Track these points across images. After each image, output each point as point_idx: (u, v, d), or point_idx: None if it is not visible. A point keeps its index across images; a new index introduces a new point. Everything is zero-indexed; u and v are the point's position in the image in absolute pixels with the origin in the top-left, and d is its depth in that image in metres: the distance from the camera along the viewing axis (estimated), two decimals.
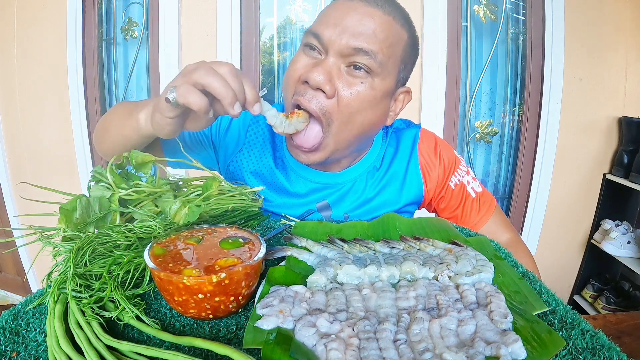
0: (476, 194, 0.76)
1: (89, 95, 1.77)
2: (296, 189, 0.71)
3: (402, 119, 0.79)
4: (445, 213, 0.77)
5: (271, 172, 0.72)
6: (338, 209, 0.71)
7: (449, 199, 0.75)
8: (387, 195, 0.72)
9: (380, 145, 0.73)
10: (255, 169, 0.73)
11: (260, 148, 0.73)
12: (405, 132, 0.75)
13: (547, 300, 0.40)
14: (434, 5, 1.62)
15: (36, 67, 1.74)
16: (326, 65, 0.56)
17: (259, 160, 0.73)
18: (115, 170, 0.51)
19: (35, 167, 1.86)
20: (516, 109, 1.83)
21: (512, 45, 1.77)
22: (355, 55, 0.56)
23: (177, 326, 0.38)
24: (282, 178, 0.72)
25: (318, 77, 0.55)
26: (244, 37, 1.66)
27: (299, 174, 0.72)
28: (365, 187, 0.71)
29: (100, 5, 1.72)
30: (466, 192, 0.75)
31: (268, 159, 0.72)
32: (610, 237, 1.74)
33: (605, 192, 1.83)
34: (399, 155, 0.73)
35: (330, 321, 0.35)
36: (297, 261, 0.48)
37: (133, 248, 0.44)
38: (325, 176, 0.71)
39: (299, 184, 0.72)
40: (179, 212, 0.47)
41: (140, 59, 1.76)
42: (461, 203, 0.75)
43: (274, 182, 0.72)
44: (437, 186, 0.74)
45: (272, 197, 0.72)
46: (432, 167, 0.73)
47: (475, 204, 0.75)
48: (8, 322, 0.37)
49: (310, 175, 0.71)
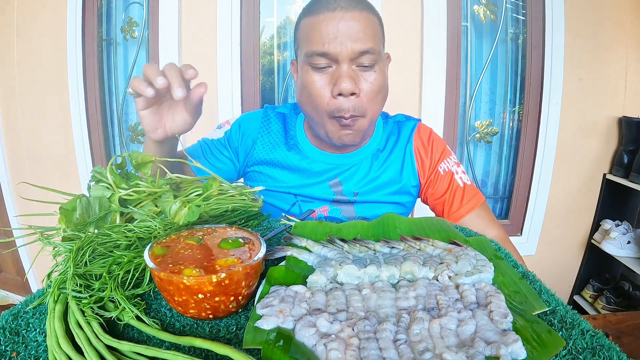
0: (464, 184, 0.83)
1: (89, 95, 1.77)
2: (311, 168, 0.82)
3: (404, 114, 0.89)
4: (433, 198, 0.84)
5: (285, 158, 0.83)
6: (348, 185, 0.81)
7: (437, 183, 0.83)
8: (390, 175, 0.82)
9: (381, 132, 0.84)
10: (269, 158, 0.83)
11: (273, 139, 0.84)
12: (405, 123, 0.86)
13: (547, 300, 0.40)
14: (434, 5, 1.62)
15: (36, 67, 1.74)
16: (345, 73, 0.67)
17: (273, 150, 0.83)
18: (115, 170, 0.51)
19: (35, 167, 1.86)
20: (516, 109, 1.83)
21: (512, 45, 1.77)
22: (361, 57, 0.66)
23: (177, 326, 0.38)
24: (297, 161, 0.82)
25: (348, 86, 0.66)
26: (244, 37, 1.66)
27: (312, 157, 0.82)
28: (371, 167, 0.82)
29: (100, 5, 1.72)
30: (454, 180, 0.82)
31: (281, 147, 0.83)
32: (610, 237, 1.74)
33: (605, 192, 1.83)
34: (399, 142, 0.84)
35: (330, 321, 0.35)
36: (297, 261, 0.48)
37: (133, 248, 0.44)
38: (336, 157, 0.81)
39: (313, 165, 0.82)
40: (179, 212, 0.47)
41: (140, 59, 1.76)
42: (448, 189, 0.82)
43: (288, 166, 0.82)
44: (428, 170, 0.83)
45: (289, 179, 0.82)
46: (424, 153, 0.83)
47: (462, 192, 0.82)
48: (8, 322, 0.37)
49: (322, 157, 0.82)
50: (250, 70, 1.70)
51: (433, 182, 0.83)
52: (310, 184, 0.81)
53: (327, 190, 0.81)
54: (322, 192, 0.81)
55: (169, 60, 1.63)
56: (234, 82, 1.67)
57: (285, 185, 0.82)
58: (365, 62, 0.67)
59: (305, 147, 0.83)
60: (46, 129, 1.81)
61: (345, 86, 0.66)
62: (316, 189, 0.81)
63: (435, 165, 0.83)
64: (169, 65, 0.56)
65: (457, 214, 0.81)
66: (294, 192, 0.82)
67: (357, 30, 0.65)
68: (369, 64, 0.67)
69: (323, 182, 0.81)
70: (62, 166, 1.84)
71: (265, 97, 1.76)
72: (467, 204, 0.81)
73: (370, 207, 0.82)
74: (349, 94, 0.67)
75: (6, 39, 1.73)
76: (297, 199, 0.83)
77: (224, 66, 1.65)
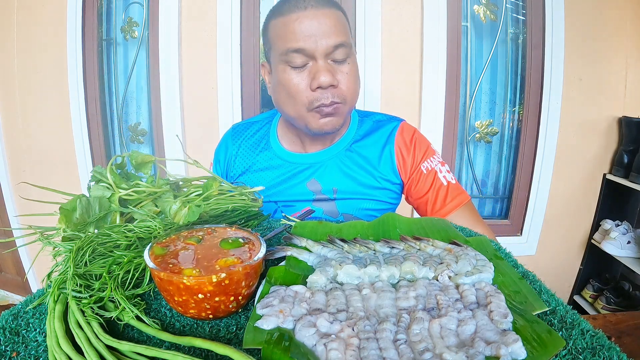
0: (448, 182, 0.83)
1: (89, 95, 1.77)
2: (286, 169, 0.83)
3: (387, 114, 0.90)
4: (416, 197, 0.84)
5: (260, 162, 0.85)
6: (325, 183, 0.82)
7: (419, 182, 0.83)
8: (365, 170, 0.82)
9: (356, 129, 0.86)
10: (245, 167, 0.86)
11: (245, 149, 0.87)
12: (386, 123, 0.87)
13: (547, 300, 0.40)
14: (434, 5, 1.62)
15: (36, 67, 1.74)
16: (323, 68, 0.70)
17: (246, 158, 0.86)
18: (115, 170, 0.51)
19: (35, 167, 1.86)
20: (516, 109, 1.83)
21: (512, 45, 1.77)
22: (335, 51, 0.70)
23: (177, 326, 0.38)
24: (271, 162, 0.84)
25: (326, 79, 0.69)
26: (244, 37, 1.66)
27: (285, 159, 0.84)
28: (344, 162, 0.82)
29: (100, 5, 1.72)
30: (437, 178, 0.83)
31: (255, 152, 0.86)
32: (610, 237, 1.74)
33: (605, 192, 1.83)
34: (378, 139, 0.84)
35: (330, 321, 0.35)
36: (297, 261, 0.48)
37: (133, 248, 0.44)
38: (309, 157, 0.83)
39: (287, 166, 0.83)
40: (179, 212, 0.47)
41: (140, 59, 1.76)
42: (431, 187, 0.82)
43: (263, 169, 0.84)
44: (410, 168, 0.84)
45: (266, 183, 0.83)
46: (406, 152, 0.84)
47: (445, 191, 0.82)
48: (8, 322, 0.37)
49: (295, 158, 0.83)
50: (250, 70, 1.70)
51: (415, 181, 0.83)
52: (288, 188, 0.82)
53: (306, 191, 0.82)
54: (301, 194, 0.82)
55: (169, 61, 1.64)
56: (234, 82, 1.67)
57: (264, 193, 0.81)
58: (339, 56, 0.71)
59: (278, 150, 0.85)
60: (46, 129, 1.81)
61: (324, 79, 0.69)
62: (295, 191, 0.82)
63: (418, 164, 0.83)
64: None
65: (440, 213, 0.80)
66: (273, 199, 0.82)
67: (329, 26, 0.69)
68: (342, 57, 0.71)
69: (301, 184, 0.82)
70: (62, 166, 1.84)
71: (265, 97, 1.76)
72: (450, 202, 0.81)
73: (351, 203, 0.82)
74: (328, 86, 0.70)
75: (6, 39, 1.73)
76: (278, 205, 0.83)
77: (224, 66, 1.65)
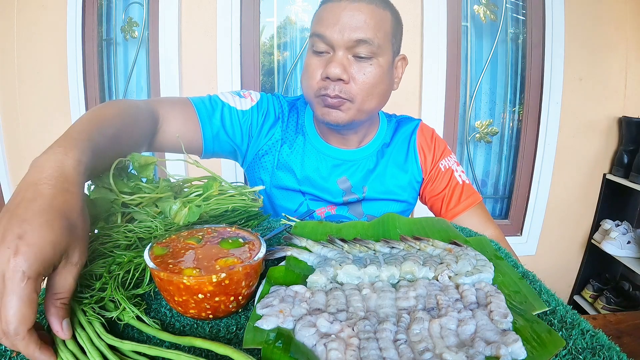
0: (463, 182, 0.85)
1: (89, 95, 1.77)
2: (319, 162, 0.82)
3: (407, 116, 0.92)
4: (432, 194, 0.86)
5: (295, 145, 0.83)
6: (355, 181, 0.82)
7: (436, 179, 0.85)
8: (394, 170, 0.84)
9: (386, 129, 0.86)
10: (281, 146, 0.82)
11: (285, 127, 0.84)
12: (408, 121, 0.89)
13: (547, 300, 0.40)
14: (434, 5, 1.62)
15: (36, 67, 1.74)
16: (337, 59, 0.68)
17: (284, 137, 0.83)
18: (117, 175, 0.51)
19: None
20: (516, 109, 1.83)
21: (512, 45, 1.77)
22: (358, 46, 0.68)
23: (177, 326, 0.38)
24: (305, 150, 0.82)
25: (335, 70, 0.67)
26: (244, 37, 1.66)
27: (319, 149, 0.82)
28: (377, 163, 0.83)
29: (100, 5, 1.72)
30: (453, 177, 0.85)
31: (292, 135, 0.83)
32: (610, 237, 1.74)
33: (605, 192, 1.83)
34: (403, 138, 0.86)
35: (330, 321, 0.35)
36: (297, 261, 0.48)
37: (133, 248, 0.44)
38: (341, 152, 0.82)
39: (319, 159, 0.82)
40: (179, 212, 0.47)
41: (140, 59, 1.76)
42: (448, 185, 0.84)
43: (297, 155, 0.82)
44: (430, 165, 0.86)
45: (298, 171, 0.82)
46: (427, 149, 0.86)
47: (460, 189, 0.84)
48: None
49: (329, 151, 0.82)
50: (250, 70, 1.70)
51: (433, 178, 0.85)
52: (318, 180, 0.81)
53: (336, 189, 0.81)
54: (330, 190, 0.81)
55: (169, 61, 1.64)
56: (234, 82, 1.67)
57: (292, 178, 0.81)
58: (362, 53, 0.68)
59: (314, 139, 0.83)
60: (46, 129, 1.81)
61: (333, 71, 0.67)
62: (324, 186, 0.81)
63: (436, 161, 0.85)
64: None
65: (455, 211, 0.82)
66: (303, 189, 0.82)
67: (358, 20, 0.66)
68: (366, 55, 0.68)
69: (331, 179, 0.82)
70: None
71: None
72: (464, 201, 0.83)
73: (378, 205, 0.83)
74: (336, 79, 0.68)
75: (6, 39, 1.73)
76: (305, 198, 0.82)
77: (224, 66, 1.65)
